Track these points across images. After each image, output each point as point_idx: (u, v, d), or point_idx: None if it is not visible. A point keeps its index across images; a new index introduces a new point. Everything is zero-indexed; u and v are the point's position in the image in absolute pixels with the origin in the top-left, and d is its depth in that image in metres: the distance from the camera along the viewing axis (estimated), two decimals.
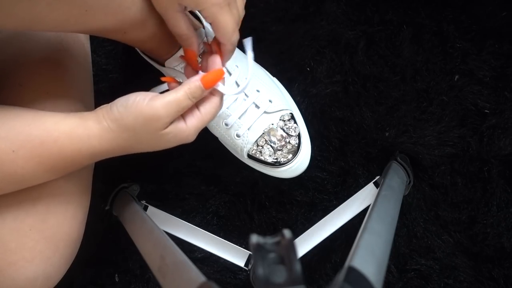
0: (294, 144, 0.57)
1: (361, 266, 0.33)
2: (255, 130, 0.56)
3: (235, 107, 0.55)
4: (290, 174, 0.58)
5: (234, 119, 0.55)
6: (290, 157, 0.56)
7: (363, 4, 0.64)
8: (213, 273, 0.67)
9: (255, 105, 0.55)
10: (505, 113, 0.63)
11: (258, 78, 0.57)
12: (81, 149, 0.39)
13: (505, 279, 0.63)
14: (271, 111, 0.56)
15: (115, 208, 0.63)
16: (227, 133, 0.57)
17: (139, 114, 0.38)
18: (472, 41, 0.63)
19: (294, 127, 0.57)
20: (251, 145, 0.56)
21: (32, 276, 0.40)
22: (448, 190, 0.64)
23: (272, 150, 0.56)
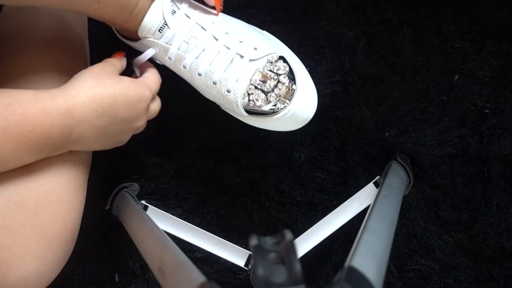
0: (287, 83, 0.53)
1: (361, 266, 0.33)
2: (243, 81, 0.52)
3: (218, 62, 0.51)
4: (293, 122, 0.55)
5: (220, 74, 0.52)
6: (288, 103, 0.52)
7: (363, 4, 0.64)
8: (213, 273, 0.67)
9: (239, 56, 0.52)
10: (505, 113, 0.63)
11: (239, 30, 0.54)
12: (46, 108, 0.38)
13: (505, 279, 0.63)
14: (257, 57, 0.52)
15: (115, 208, 0.63)
16: (218, 92, 0.53)
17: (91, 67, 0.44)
18: (472, 41, 0.63)
19: (283, 66, 0.53)
20: (242, 96, 0.53)
21: (24, 274, 0.40)
22: (448, 190, 0.64)
23: (263, 94, 0.53)
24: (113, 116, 0.43)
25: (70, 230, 0.45)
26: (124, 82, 0.44)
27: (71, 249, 0.46)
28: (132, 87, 0.44)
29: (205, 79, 0.53)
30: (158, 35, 0.50)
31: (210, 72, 0.52)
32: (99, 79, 0.42)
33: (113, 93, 0.42)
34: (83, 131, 0.41)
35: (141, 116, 0.47)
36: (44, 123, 0.37)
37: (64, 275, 0.65)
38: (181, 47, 0.51)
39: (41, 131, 0.37)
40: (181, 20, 0.49)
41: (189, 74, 0.53)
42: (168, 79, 0.70)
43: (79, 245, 0.65)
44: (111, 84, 0.43)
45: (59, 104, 0.38)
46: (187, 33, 0.50)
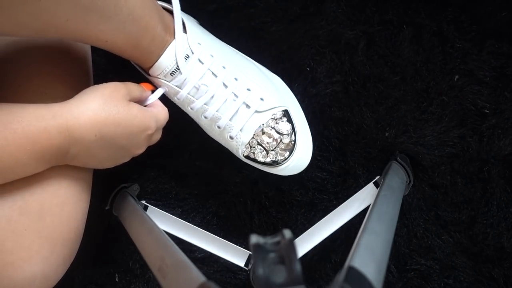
0: (289, 142, 0.55)
1: (361, 266, 0.33)
2: (247, 131, 0.54)
3: (226, 109, 0.53)
4: (290, 171, 0.58)
5: (225, 121, 0.54)
6: (287, 155, 0.55)
7: (363, 4, 0.64)
8: (213, 273, 0.67)
9: (245, 105, 0.54)
10: (505, 113, 0.63)
11: (248, 76, 0.56)
12: (47, 127, 0.37)
13: (505, 279, 0.63)
14: (262, 109, 0.54)
15: (115, 208, 0.63)
16: (221, 136, 0.56)
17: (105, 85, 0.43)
18: (472, 41, 0.63)
19: (286, 125, 0.55)
20: (244, 146, 0.55)
21: (29, 276, 0.40)
22: (448, 190, 0.64)
23: (264, 151, 0.55)
24: (111, 142, 0.42)
25: (74, 231, 0.45)
26: (132, 111, 0.43)
27: (76, 250, 0.47)
28: (139, 117, 0.43)
29: (210, 122, 0.55)
30: (170, 77, 0.50)
31: (216, 118, 0.54)
32: (107, 102, 0.41)
33: (117, 121, 0.41)
34: (79, 151, 0.41)
35: (141, 146, 0.47)
36: (43, 141, 0.38)
37: (64, 275, 0.65)
38: (190, 92, 0.52)
39: (40, 148, 0.38)
40: (193, 66, 0.50)
41: (195, 115, 0.55)
42: None
43: (79, 245, 0.65)
44: (118, 111, 0.42)
45: (60, 123, 0.38)
46: (198, 79, 0.51)
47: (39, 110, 0.38)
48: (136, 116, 0.43)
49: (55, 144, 0.38)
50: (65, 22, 0.38)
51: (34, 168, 0.39)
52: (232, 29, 0.64)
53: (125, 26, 0.43)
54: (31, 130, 0.37)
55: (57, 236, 0.43)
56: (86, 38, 0.42)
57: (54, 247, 0.42)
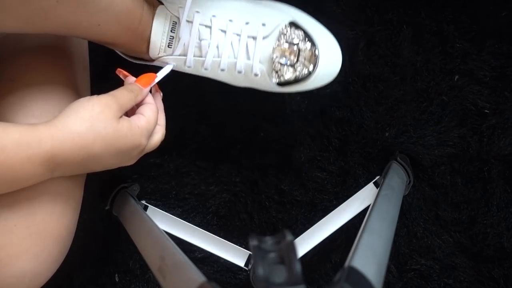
0: (310, 50, 0.53)
1: (361, 266, 0.33)
2: (265, 60, 0.53)
3: (236, 51, 0.52)
4: (326, 79, 0.55)
5: (242, 62, 0.52)
6: (313, 66, 0.53)
7: (363, 4, 0.64)
8: (213, 273, 0.67)
9: (252, 38, 0.52)
10: (505, 113, 0.63)
11: (241, 12, 0.54)
12: (31, 156, 0.36)
13: (505, 279, 0.63)
14: (268, 33, 0.52)
15: (115, 208, 0.63)
16: (247, 79, 0.54)
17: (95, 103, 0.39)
18: (472, 41, 0.63)
19: (296, 33, 0.53)
20: (270, 74, 0.53)
21: (19, 273, 0.40)
22: (448, 190, 0.64)
23: (291, 68, 0.53)
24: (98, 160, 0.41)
25: (66, 228, 0.45)
26: (122, 131, 0.40)
27: (68, 248, 0.46)
28: (129, 136, 0.41)
29: (229, 72, 0.53)
30: (169, 50, 0.50)
31: (232, 64, 0.52)
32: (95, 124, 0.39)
33: (106, 142, 0.39)
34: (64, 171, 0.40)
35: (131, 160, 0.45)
36: (26, 170, 0.36)
37: (64, 275, 0.65)
38: (196, 53, 0.51)
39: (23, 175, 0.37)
40: (185, 29, 0.49)
41: (212, 73, 0.53)
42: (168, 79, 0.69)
43: (79, 245, 0.65)
44: (106, 133, 0.39)
45: (45, 150, 0.36)
46: (195, 38, 0.50)
47: (23, 137, 0.36)
48: (126, 135, 0.41)
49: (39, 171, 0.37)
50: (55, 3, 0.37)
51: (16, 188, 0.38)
52: None
53: (114, 5, 0.42)
54: (14, 160, 0.35)
55: (48, 233, 0.42)
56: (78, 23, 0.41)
57: (45, 244, 0.42)
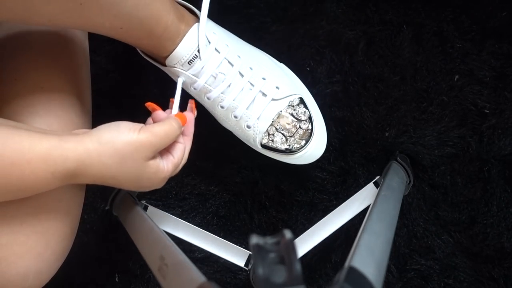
0: (306, 129, 0.55)
1: (361, 266, 0.33)
2: (264, 119, 0.54)
3: (242, 98, 0.53)
4: (306, 160, 0.57)
5: (242, 110, 0.54)
6: (303, 144, 0.55)
7: (363, 4, 0.64)
8: (213, 273, 0.67)
9: (262, 93, 0.54)
10: (505, 113, 0.63)
11: (262, 65, 0.56)
12: (54, 172, 0.36)
13: (505, 279, 0.63)
14: (279, 97, 0.54)
15: (115, 208, 0.63)
16: (237, 125, 0.56)
17: (133, 140, 0.38)
18: (472, 41, 0.63)
19: (304, 111, 0.55)
20: (262, 134, 0.55)
21: (23, 271, 0.40)
22: (448, 190, 0.64)
23: (283, 137, 0.55)
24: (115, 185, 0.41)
25: (69, 227, 0.45)
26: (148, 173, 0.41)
27: (70, 247, 0.46)
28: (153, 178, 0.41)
29: (227, 112, 0.54)
30: (187, 66, 0.50)
31: (233, 107, 0.54)
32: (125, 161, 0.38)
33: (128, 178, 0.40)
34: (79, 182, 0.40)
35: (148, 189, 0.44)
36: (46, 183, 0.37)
37: (64, 275, 0.64)
38: (208, 81, 0.51)
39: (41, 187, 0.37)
40: (211, 55, 0.50)
41: (211, 105, 0.54)
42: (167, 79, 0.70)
43: (79, 245, 0.64)
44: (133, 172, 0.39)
45: (69, 168, 0.37)
46: (215, 68, 0.51)
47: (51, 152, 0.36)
48: (150, 177, 0.41)
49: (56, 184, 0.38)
50: (79, 6, 0.37)
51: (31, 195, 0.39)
52: (232, 29, 0.64)
53: (138, 10, 0.42)
54: (38, 174, 0.36)
55: (52, 232, 0.43)
56: (101, 24, 0.41)
57: (49, 243, 0.42)
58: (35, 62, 0.47)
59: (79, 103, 0.50)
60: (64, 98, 0.48)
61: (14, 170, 0.35)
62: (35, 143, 0.36)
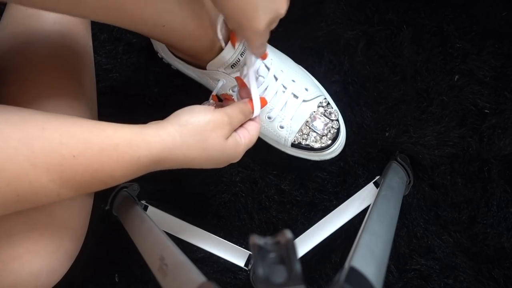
0: (335, 128, 0.58)
1: (361, 266, 0.33)
2: (297, 119, 0.57)
3: (276, 100, 0.56)
4: (331, 155, 0.60)
5: (277, 111, 0.56)
6: (330, 142, 0.58)
7: (363, 4, 0.64)
8: (213, 273, 0.67)
9: (293, 95, 0.57)
10: (505, 113, 0.63)
11: (290, 68, 0.58)
12: (140, 157, 0.37)
13: (505, 279, 0.63)
14: (308, 98, 0.57)
15: (115, 208, 0.63)
16: (270, 126, 0.58)
17: (211, 119, 0.41)
18: (472, 41, 0.63)
19: (334, 111, 0.59)
20: (295, 134, 0.58)
21: (36, 270, 0.40)
22: (448, 190, 0.64)
23: (317, 136, 0.58)
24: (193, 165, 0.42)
25: (81, 226, 0.46)
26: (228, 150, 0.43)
27: (80, 246, 0.47)
28: (232, 154, 0.43)
29: (262, 113, 0.57)
30: (230, 70, 0.52)
31: (268, 109, 0.56)
32: (207, 140, 0.41)
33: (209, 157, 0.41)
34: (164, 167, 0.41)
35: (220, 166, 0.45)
36: (134, 169, 0.38)
37: (64, 275, 0.64)
38: None
39: (129, 175, 0.38)
40: (252, 60, 0.51)
41: None
42: (167, 79, 0.70)
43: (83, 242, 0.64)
44: (213, 150, 0.41)
45: (153, 154, 0.38)
46: (255, 72, 0.53)
47: (134, 138, 0.37)
48: (230, 153, 0.43)
49: (143, 170, 0.39)
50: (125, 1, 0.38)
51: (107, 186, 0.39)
52: None
53: (181, 8, 0.42)
54: (125, 159, 0.36)
55: (65, 231, 0.43)
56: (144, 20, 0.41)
57: (61, 241, 0.42)
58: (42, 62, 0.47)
59: (86, 104, 0.50)
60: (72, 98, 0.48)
61: (103, 156, 0.35)
62: (119, 130, 0.37)
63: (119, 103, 0.67)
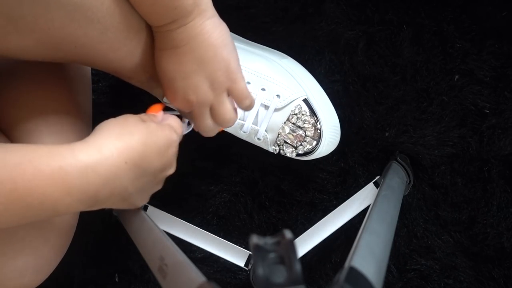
0: (315, 132, 0.56)
1: (361, 266, 0.33)
2: (272, 130, 0.56)
3: (246, 114, 0.55)
4: (324, 153, 0.59)
5: (249, 125, 0.55)
6: (314, 144, 0.56)
7: (363, 4, 0.64)
8: (213, 273, 0.67)
9: (264, 106, 0.55)
10: (505, 113, 0.63)
11: (260, 74, 0.56)
12: (63, 166, 0.32)
13: (505, 279, 0.63)
14: (281, 106, 0.55)
15: (115, 208, 0.63)
16: (249, 138, 0.57)
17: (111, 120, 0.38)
18: (472, 41, 0.63)
19: (307, 119, 0.55)
20: (273, 145, 0.57)
21: (22, 266, 0.40)
22: (448, 190, 0.64)
23: (292, 147, 0.57)
24: (144, 166, 0.37)
25: (68, 223, 0.45)
26: (151, 127, 0.39)
27: (69, 242, 0.46)
28: (160, 131, 0.40)
29: (235, 129, 0.56)
30: None
31: (239, 124, 0.55)
32: (125, 127, 0.37)
33: (143, 140, 0.37)
34: (112, 189, 0.35)
35: (171, 163, 0.43)
36: (59, 183, 0.31)
37: (64, 275, 0.65)
38: None
39: (55, 192, 0.31)
40: None
41: None
42: None
43: (79, 245, 0.64)
44: (139, 131, 0.37)
45: (80, 159, 0.32)
46: None
47: (56, 147, 0.32)
48: (157, 131, 0.39)
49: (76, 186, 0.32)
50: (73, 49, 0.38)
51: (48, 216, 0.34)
52: (232, 29, 0.64)
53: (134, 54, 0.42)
54: (43, 171, 0.31)
55: (50, 227, 0.42)
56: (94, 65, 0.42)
57: (48, 238, 0.42)
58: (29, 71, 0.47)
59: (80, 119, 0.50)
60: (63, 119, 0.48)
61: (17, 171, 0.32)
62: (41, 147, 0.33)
63: (119, 103, 0.67)
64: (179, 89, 0.43)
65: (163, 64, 0.42)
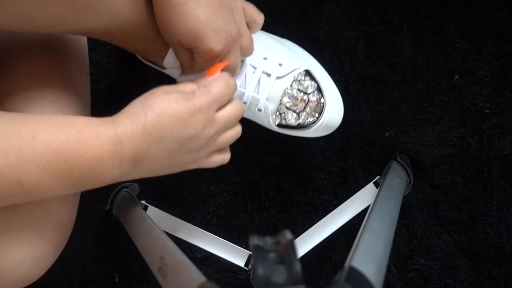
0: (318, 101, 0.54)
1: (361, 266, 0.33)
2: (273, 99, 0.54)
3: (247, 82, 0.53)
4: (325, 130, 0.57)
5: (250, 94, 0.53)
6: (317, 116, 0.54)
7: (363, 4, 0.64)
8: (213, 273, 0.67)
9: (266, 74, 0.53)
10: (505, 113, 0.63)
11: (262, 45, 0.55)
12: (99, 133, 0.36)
13: (505, 279, 0.63)
14: (283, 74, 0.54)
15: (115, 208, 0.63)
16: (249, 111, 0.55)
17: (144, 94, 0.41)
18: (472, 41, 0.63)
19: (310, 83, 0.54)
20: (274, 115, 0.55)
21: (19, 259, 0.39)
22: (448, 190, 0.64)
23: (295, 114, 0.55)
24: (161, 136, 0.39)
25: (67, 215, 0.44)
26: (170, 98, 0.40)
27: (68, 236, 0.45)
28: (180, 101, 0.40)
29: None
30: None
31: (239, 93, 0.53)
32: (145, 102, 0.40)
33: (156, 112, 0.39)
34: (133, 159, 0.38)
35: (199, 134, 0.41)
36: (96, 147, 0.36)
37: (64, 275, 0.65)
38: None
39: (92, 155, 0.35)
40: None
41: None
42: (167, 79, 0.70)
43: (79, 245, 0.65)
44: (155, 103, 0.39)
45: (110, 130, 0.37)
46: None
47: (91, 118, 0.37)
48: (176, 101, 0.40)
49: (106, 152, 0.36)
50: (73, 12, 0.37)
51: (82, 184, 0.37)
52: None
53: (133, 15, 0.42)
54: (84, 135, 0.35)
55: (48, 219, 0.42)
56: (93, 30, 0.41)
57: (45, 230, 0.41)
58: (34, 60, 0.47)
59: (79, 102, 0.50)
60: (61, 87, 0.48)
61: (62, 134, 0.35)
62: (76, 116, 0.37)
63: (119, 102, 0.67)
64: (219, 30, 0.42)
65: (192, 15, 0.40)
